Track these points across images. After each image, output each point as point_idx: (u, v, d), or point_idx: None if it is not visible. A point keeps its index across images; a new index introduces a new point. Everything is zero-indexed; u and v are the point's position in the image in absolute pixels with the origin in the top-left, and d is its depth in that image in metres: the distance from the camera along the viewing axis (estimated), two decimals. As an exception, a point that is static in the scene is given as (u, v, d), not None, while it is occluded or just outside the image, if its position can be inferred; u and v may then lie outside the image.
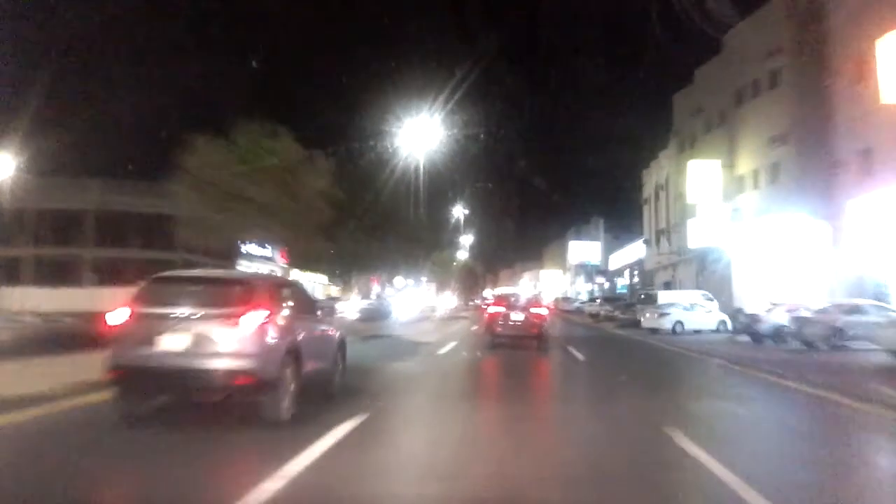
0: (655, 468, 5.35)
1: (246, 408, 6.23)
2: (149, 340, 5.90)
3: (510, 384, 11.69)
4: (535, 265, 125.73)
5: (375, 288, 61.36)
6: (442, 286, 79.45)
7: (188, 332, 5.90)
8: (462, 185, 73.54)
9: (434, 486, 4.65)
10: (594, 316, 42.90)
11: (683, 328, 25.23)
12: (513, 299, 17.79)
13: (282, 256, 75.99)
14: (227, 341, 5.94)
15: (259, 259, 69.12)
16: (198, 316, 5.99)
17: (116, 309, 6.23)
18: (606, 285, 77.47)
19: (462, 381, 11.78)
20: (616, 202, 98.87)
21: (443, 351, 16.26)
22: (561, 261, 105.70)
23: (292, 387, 6.49)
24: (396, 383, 10.46)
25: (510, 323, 16.76)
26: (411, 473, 5.12)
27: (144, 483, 4.61)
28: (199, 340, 5.89)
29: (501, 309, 17.09)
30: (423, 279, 53.00)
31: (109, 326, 6.20)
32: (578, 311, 63.35)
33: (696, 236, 31.03)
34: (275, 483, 4.31)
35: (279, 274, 34.09)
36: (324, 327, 8.13)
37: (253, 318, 6.01)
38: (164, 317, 5.97)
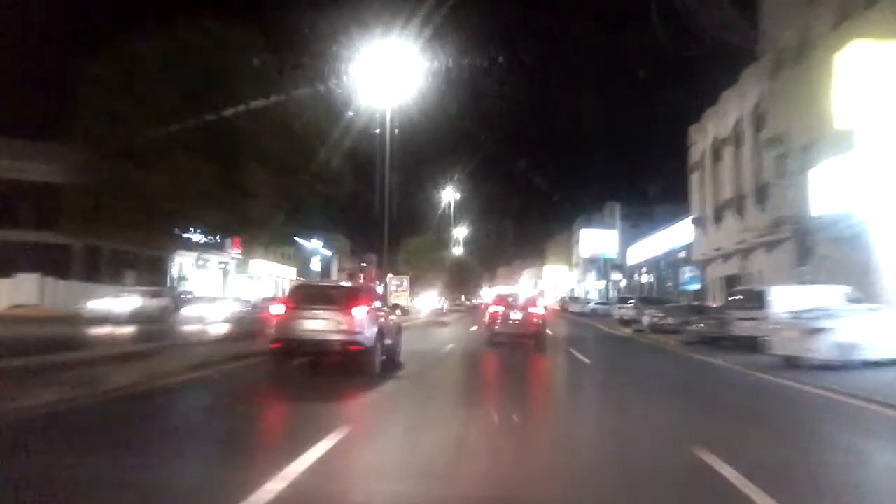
0: None
1: (352, 366, 10.20)
2: (298, 323, 10.05)
3: None
4: (536, 262, 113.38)
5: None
6: (422, 282, 66.90)
7: (321, 318, 10.03)
8: (452, 167, 61.63)
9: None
10: (629, 324, 30.36)
11: (858, 357, 12.71)
12: (511, 299, 18.13)
13: (235, 245, 63.59)
14: (344, 324, 10.00)
15: (202, 247, 56.84)
16: (326, 309, 10.13)
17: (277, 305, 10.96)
18: (623, 283, 64.94)
19: None
20: (634, 185, 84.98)
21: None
22: (566, 255, 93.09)
23: (379, 353, 10.70)
24: None
25: (509, 322, 17.16)
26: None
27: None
28: (328, 323, 9.99)
29: (501, 308, 17.50)
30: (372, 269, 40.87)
31: (273, 315, 10.46)
32: (594, 313, 50.94)
33: (826, 196, 18.48)
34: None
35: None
36: (391, 317, 12.80)
37: (359, 310, 10.17)
38: (306, 309, 10.13)
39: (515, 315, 17.13)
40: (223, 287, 58.02)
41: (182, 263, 50.36)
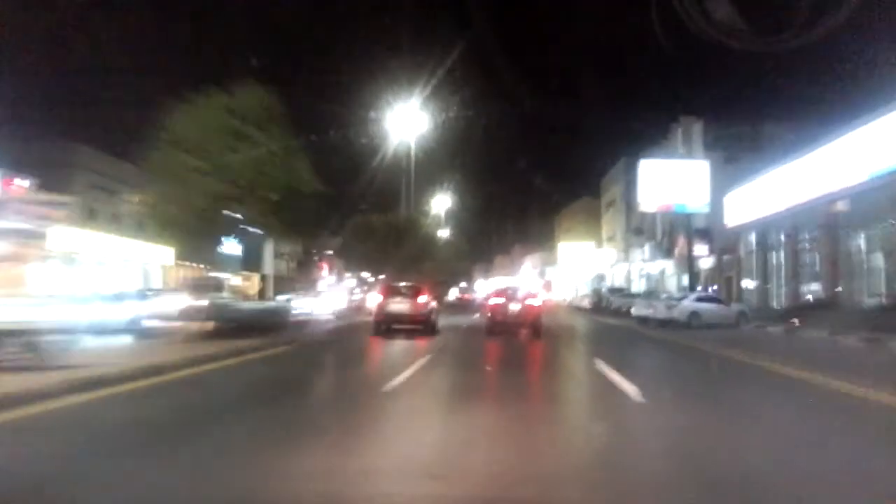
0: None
1: (419, 329, 17.86)
2: (389, 304, 18.08)
3: None
4: (543, 244, 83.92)
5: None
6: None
7: (403, 302, 18.05)
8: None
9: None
10: None
11: None
12: (510, 292, 20.01)
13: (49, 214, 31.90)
14: (416, 305, 17.91)
15: None
16: (405, 297, 18.27)
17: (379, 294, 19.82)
18: (710, 262, 35.83)
19: None
20: (724, 92, 50.70)
21: None
22: (592, 226, 63.83)
23: (432, 322, 18.72)
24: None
25: (509, 313, 18.69)
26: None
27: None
28: (406, 304, 17.96)
29: (501, 300, 19.21)
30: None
31: (375, 302, 19.42)
32: (697, 320, 22.02)
33: None
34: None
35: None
36: (434, 303, 20.03)
37: (424, 297, 18.36)
38: (393, 297, 18.33)
39: (515, 306, 18.69)
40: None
41: None
